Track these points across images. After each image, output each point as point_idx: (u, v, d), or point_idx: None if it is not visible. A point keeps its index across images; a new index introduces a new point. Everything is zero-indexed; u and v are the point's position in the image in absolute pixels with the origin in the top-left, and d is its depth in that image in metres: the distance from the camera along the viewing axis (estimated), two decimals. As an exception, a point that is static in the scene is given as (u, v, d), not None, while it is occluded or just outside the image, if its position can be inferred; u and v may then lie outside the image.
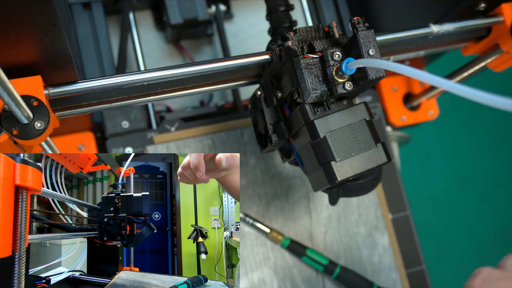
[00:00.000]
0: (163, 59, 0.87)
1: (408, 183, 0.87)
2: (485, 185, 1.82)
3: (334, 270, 0.74)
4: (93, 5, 0.82)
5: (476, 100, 0.30)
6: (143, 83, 0.54)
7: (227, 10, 0.89)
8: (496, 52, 0.65)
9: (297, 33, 0.52)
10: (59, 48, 0.46)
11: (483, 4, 0.62)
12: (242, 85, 0.60)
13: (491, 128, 1.87)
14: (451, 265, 1.73)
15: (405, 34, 0.60)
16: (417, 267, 0.80)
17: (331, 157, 0.47)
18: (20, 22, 0.40)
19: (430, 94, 0.84)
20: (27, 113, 0.46)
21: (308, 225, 0.77)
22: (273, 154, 0.78)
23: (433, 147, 1.83)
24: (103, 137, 0.79)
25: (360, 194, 0.60)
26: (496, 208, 1.81)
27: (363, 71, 0.47)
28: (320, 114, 0.49)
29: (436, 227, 1.76)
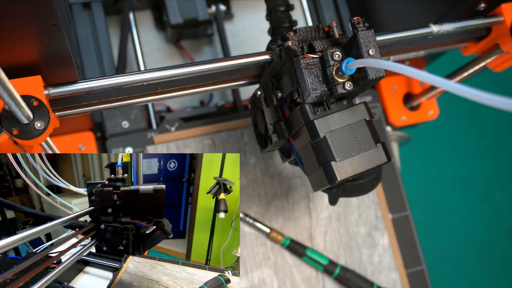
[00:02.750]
0: (163, 59, 0.87)
1: (408, 183, 0.87)
2: (485, 185, 1.82)
3: (334, 270, 0.74)
4: (93, 5, 0.82)
5: (476, 100, 0.30)
6: (143, 83, 0.54)
7: (227, 10, 0.89)
8: (496, 52, 0.65)
9: (297, 33, 0.52)
10: (59, 48, 0.46)
11: (483, 4, 0.62)
12: (242, 85, 0.61)
13: (491, 128, 1.87)
14: (451, 265, 1.73)
15: (405, 34, 0.60)
16: (417, 267, 0.80)
17: (331, 157, 0.47)
18: (20, 22, 0.40)
19: (430, 94, 0.84)
20: (27, 113, 0.46)
21: (308, 225, 0.77)
22: (273, 154, 0.78)
23: (433, 147, 1.83)
24: (103, 137, 0.79)
25: (360, 194, 0.60)
26: (496, 208, 1.81)
27: (363, 71, 0.47)
28: (320, 114, 0.49)
29: (436, 227, 1.76)
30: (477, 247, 1.77)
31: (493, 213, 1.80)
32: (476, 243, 1.77)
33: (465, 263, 1.74)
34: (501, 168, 1.85)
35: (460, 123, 1.86)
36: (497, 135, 1.87)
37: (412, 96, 0.89)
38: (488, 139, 1.87)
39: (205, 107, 0.84)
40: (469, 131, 1.87)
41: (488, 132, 1.87)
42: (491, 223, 1.79)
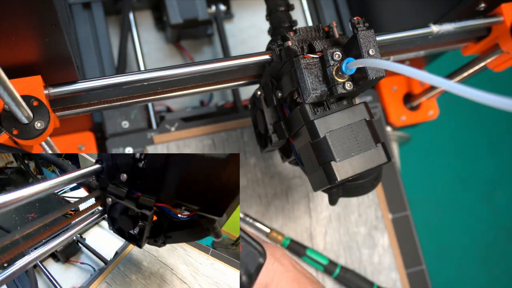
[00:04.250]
0: (163, 59, 0.87)
1: (408, 183, 0.87)
2: (485, 185, 1.82)
3: (334, 270, 0.74)
4: (93, 5, 0.82)
5: (476, 100, 0.30)
6: (143, 83, 0.54)
7: (227, 10, 0.89)
8: (496, 52, 0.65)
9: (297, 33, 0.52)
10: (59, 48, 0.46)
11: (483, 4, 0.62)
12: (242, 85, 0.60)
13: (491, 128, 1.87)
14: (451, 265, 1.73)
15: (405, 34, 0.60)
16: (417, 267, 0.80)
17: (331, 157, 0.47)
18: (20, 22, 0.40)
19: (430, 94, 0.84)
20: (27, 113, 0.46)
21: (308, 225, 0.77)
22: (273, 154, 0.78)
23: (433, 147, 1.83)
24: (103, 137, 0.79)
25: (360, 194, 0.60)
26: (496, 208, 1.81)
27: (363, 71, 0.47)
28: (320, 114, 0.49)
29: (436, 227, 1.76)
30: (477, 247, 1.77)
31: (493, 213, 1.80)
32: (476, 243, 1.77)
33: (465, 263, 1.74)
34: (501, 168, 1.85)
35: (460, 123, 1.86)
36: (498, 135, 1.87)
37: (412, 96, 0.89)
38: (489, 139, 1.87)
39: (205, 107, 0.84)
40: (469, 131, 1.87)
41: (489, 132, 1.87)
42: (491, 223, 1.79)
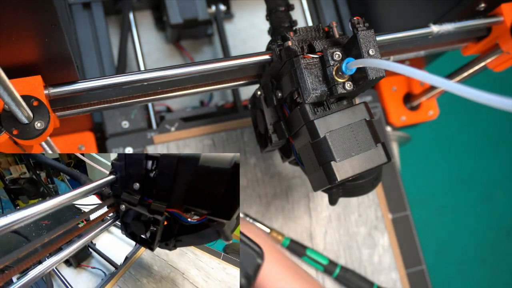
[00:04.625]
0: (163, 59, 0.87)
1: (408, 183, 0.87)
2: (485, 185, 1.82)
3: (334, 270, 0.74)
4: (93, 5, 0.82)
5: (476, 100, 0.30)
6: (143, 83, 0.54)
7: (227, 10, 0.89)
8: (496, 52, 0.65)
9: (297, 33, 0.52)
10: (59, 48, 0.45)
11: (483, 4, 0.62)
12: (242, 85, 0.60)
13: (491, 128, 1.87)
14: (451, 265, 1.73)
15: (405, 34, 0.60)
16: (417, 267, 0.80)
17: (331, 157, 0.47)
18: (20, 22, 0.40)
19: (430, 94, 0.84)
20: (27, 113, 0.46)
21: (308, 225, 0.77)
22: (273, 154, 0.78)
23: (433, 147, 1.83)
24: (103, 137, 0.79)
25: (360, 194, 0.60)
26: (496, 208, 1.81)
27: (363, 71, 0.47)
28: (320, 114, 0.49)
29: (436, 227, 1.76)
30: (477, 247, 1.77)
31: (493, 213, 1.80)
32: (476, 243, 1.77)
33: (465, 263, 1.74)
34: (501, 168, 1.85)
35: (460, 123, 1.86)
36: (497, 135, 1.87)
37: (412, 96, 0.89)
38: (488, 139, 1.87)
39: (205, 107, 0.84)
40: (469, 131, 1.87)
41: (488, 132, 1.87)
42: (491, 223, 1.79)
